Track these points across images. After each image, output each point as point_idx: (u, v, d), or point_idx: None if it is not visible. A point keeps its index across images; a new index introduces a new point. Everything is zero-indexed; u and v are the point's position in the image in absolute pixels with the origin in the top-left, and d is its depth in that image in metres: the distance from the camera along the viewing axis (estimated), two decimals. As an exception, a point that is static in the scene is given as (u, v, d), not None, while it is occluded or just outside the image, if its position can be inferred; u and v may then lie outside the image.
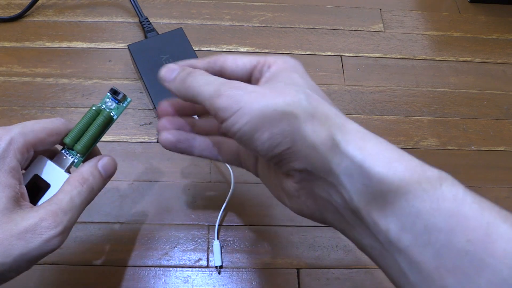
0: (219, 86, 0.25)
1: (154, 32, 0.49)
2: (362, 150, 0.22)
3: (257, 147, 0.24)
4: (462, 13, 0.58)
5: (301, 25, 0.54)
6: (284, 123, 0.23)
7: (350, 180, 0.22)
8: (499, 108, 0.50)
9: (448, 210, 0.20)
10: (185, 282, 0.38)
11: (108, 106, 0.32)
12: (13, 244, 0.24)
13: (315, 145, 0.23)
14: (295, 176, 0.25)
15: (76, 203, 0.27)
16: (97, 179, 0.29)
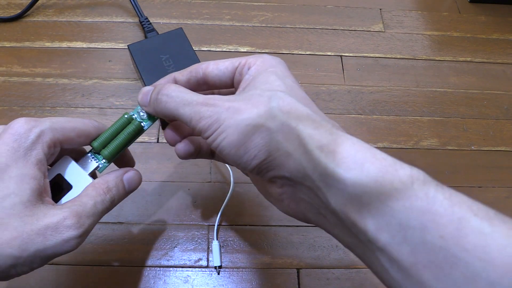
0: (198, 108, 0.26)
1: (154, 32, 0.49)
2: (334, 155, 0.22)
3: (236, 161, 0.25)
4: (462, 13, 0.58)
5: (301, 25, 0.54)
6: (258, 136, 0.24)
7: (325, 185, 0.23)
8: (499, 108, 0.50)
9: (420, 208, 0.21)
10: (185, 282, 0.38)
11: (141, 116, 0.32)
12: (32, 239, 0.24)
13: (289, 153, 0.24)
14: (277, 182, 0.26)
15: (98, 210, 0.27)
16: (120, 191, 0.29)
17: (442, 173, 0.45)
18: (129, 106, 0.47)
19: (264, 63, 0.28)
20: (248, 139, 0.24)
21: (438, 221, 0.20)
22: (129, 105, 0.47)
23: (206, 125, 0.25)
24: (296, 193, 0.25)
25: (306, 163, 0.23)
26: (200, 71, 0.30)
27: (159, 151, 0.44)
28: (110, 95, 0.47)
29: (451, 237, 0.20)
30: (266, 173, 0.25)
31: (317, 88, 0.49)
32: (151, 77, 0.45)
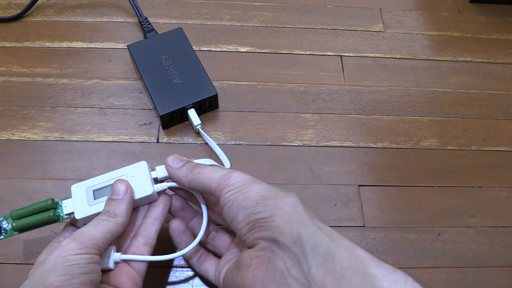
0: (229, 171, 0.32)
1: (153, 32, 0.49)
2: (331, 234, 0.27)
3: (239, 211, 0.29)
4: (462, 13, 0.58)
5: (301, 25, 0.54)
6: (272, 200, 0.29)
7: (314, 253, 0.26)
8: (499, 108, 0.50)
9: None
10: (185, 282, 0.38)
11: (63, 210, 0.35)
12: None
13: (290, 221, 0.28)
14: (258, 245, 0.29)
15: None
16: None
17: (442, 173, 0.45)
18: (129, 106, 0.47)
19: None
20: (262, 199, 0.29)
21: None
22: (129, 105, 0.47)
23: (233, 181, 0.30)
24: (271, 259, 0.28)
25: (304, 232, 0.27)
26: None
27: (159, 151, 0.44)
28: (110, 95, 0.47)
29: None
30: (257, 232, 0.29)
31: (317, 88, 0.49)
32: (151, 77, 0.45)
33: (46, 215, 0.33)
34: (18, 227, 0.34)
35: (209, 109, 0.46)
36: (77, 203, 0.34)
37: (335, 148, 0.45)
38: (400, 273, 0.24)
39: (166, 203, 0.35)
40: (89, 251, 0.29)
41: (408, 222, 0.42)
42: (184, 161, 0.34)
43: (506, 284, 0.39)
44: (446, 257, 0.40)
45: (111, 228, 0.31)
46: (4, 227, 0.34)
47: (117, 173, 0.35)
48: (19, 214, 0.34)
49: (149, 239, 0.34)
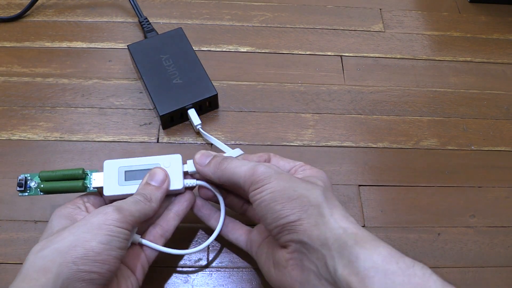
0: (254, 165, 0.31)
1: (153, 32, 0.49)
2: (356, 236, 0.27)
3: (267, 214, 0.30)
4: (462, 13, 0.58)
5: (301, 25, 0.54)
6: (297, 202, 0.29)
7: (340, 255, 0.27)
8: (499, 108, 0.50)
9: (416, 283, 0.25)
10: (185, 282, 0.38)
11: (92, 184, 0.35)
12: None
13: (317, 224, 0.28)
14: (290, 246, 0.30)
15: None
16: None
17: (442, 173, 0.45)
18: (129, 106, 0.47)
19: (319, 173, 0.33)
20: (288, 200, 0.29)
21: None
22: (129, 105, 0.47)
23: (258, 177, 0.30)
24: (303, 261, 0.29)
25: (330, 235, 0.28)
26: (268, 157, 0.36)
27: (159, 151, 0.44)
28: (110, 95, 0.47)
29: None
30: (286, 235, 0.29)
31: (317, 88, 0.49)
32: (151, 77, 0.45)
33: (75, 184, 0.34)
34: (45, 189, 0.34)
35: (209, 109, 0.46)
36: (107, 179, 0.35)
37: (335, 148, 0.45)
38: (418, 266, 0.26)
39: (190, 201, 0.36)
40: (128, 226, 0.30)
41: (408, 222, 0.42)
42: (211, 156, 0.34)
43: (506, 284, 0.39)
44: (446, 257, 0.40)
45: (146, 210, 0.32)
46: (30, 185, 0.35)
47: (152, 160, 0.36)
48: (48, 176, 0.35)
49: (166, 232, 0.35)
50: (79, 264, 0.27)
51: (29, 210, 0.40)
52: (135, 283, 0.32)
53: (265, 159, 0.36)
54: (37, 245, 0.28)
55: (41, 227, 0.39)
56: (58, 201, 0.40)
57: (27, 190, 0.34)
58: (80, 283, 0.27)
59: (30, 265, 0.27)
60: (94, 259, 0.28)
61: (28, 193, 0.35)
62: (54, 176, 0.35)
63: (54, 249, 0.28)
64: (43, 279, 0.26)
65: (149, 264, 0.34)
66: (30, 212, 0.40)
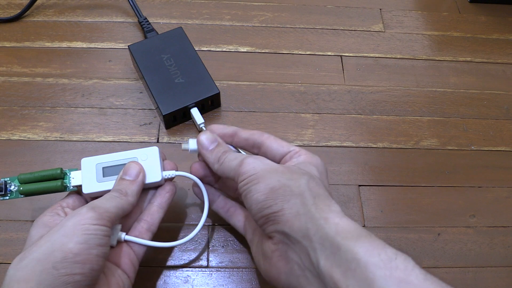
0: (243, 158, 0.32)
1: (153, 32, 0.49)
2: (337, 226, 0.27)
3: (252, 205, 0.30)
4: (462, 13, 0.58)
5: (301, 25, 0.54)
6: (280, 192, 0.29)
7: (321, 247, 0.27)
8: (499, 108, 0.50)
9: (398, 277, 0.24)
10: (185, 282, 0.38)
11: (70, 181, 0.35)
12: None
13: (299, 214, 0.28)
14: (275, 237, 0.30)
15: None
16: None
17: (442, 173, 0.45)
18: (129, 106, 0.47)
19: (313, 159, 0.33)
20: (271, 191, 0.29)
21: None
22: (129, 105, 0.47)
23: (244, 170, 0.31)
24: (288, 252, 0.29)
25: (311, 226, 0.28)
26: (261, 137, 0.35)
27: (159, 151, 0.44)
28: (110, 95, 0.47)
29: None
30: (270, 225, 0.30)
31: (317, 88, 0.49)
32: (153, 77, 0.45)
33: (54, 184, 0.34)
34: (24, 192, 0.34)
35: (212, 107, 0.47)
36: (86, 177, 0.35)
37: (335, 148, 0.45)
38: (401, 258, 0.25)
39: (172, 192, 0.36)
40: (105, 223, 0.30)
41: (408, 222, 0.42)
42: (216, 142, 0.35)
43: (506, 284, 0.39)
44: (446, 257, 0.40)
45: (122, 205, 0.32)
46: (11, 188, 0.35)
47: (129, 154, 0.36)
48: (27, 179, 0.35)
49: (152, 226, 0.34)
50: (59, 268, 0.27)
51: (29, 210, 0.40)
52: (126, 280, 0.32)
53: (256, 139, 0.35)
54: (16, 258, 0.28)
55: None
56: (58, 200, 0.40)
57: (7, 194, 0.34)
58: (65, 287, 0.27)
59: (10, 279, 0.27)
60: (73, 260, 0.27)
61: (9, 197, 0.34)
62: (33, 177, 0.34)
63: (32, 258, 0.27)
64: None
65: (139, 260, 0.34)
66: (30, 212, 0.40)
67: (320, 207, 0.28)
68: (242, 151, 0.37)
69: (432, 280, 0.24)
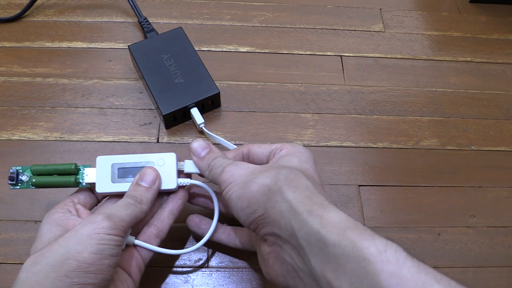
0: (225, 166, 0.32)
1: (153, 32, 0.49)
2: (321, 219, 0.26)
3: (239, 213, 0.30)
4: (462, 13, 0.58)
5: (301, 25, 0.54)
6: (260, 193, 0.29)
7: (308, 244, 0.26)
8: (499, 108, 0.50)
9: (390, 271, 0.23)
10: (185, 282, 0.38)
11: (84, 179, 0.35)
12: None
13: (282, 212, 0.27)
14: (268, 240, 0.29)
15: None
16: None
17: (442, 173, 0.45)
18: (129, 106, 0.47)
19: (294, 149, 0.33)
20: (252, 195, 0.29)
21: (405, 285, 0.22)
22: (129, 105, 0.47)
23: (224, 178, 0.31)
24: (281, 253, 0.28)
25: (295, 223, 0.26)
26: (245, 148, 0.36)
27: (159, 151, 0.44)
28: (110, 95, 0.47)
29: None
30: (261, 229, 0.29)
31: (317, 88, 0.49)
32: (153, 77, 0.45)
33: (67, 180, 0.34)
34: (37, 183, 0.34)
35: (212, 107, 0.47)
36: (100, 176, 0.34)
37: (335, 148, 0.45)
38: (391, 250, 0.24)
39: (184, 199, 0.36)
40: (119, 233, 0.30)
41: (408, 222, 0.42)
42: (207, 149, 0.34)
43: (506, 284, 0.39)
44: (446, 257, 0.40)
45: (137, 213, 0.32)
46: (22, 178, 0.34)
47: (146, 158, 0.35)
48: (40, 170, 0.34)
49: (161, 232, 0.34)
50: (72, 277, 0.27)
51: (29, 210, 0.40)
52: (131, 284, 0.32)
53: (243, 152, 0.36)
54: (29, 260, 0.28)
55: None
56: (58, 200, 0.40)
57: (18, 183, 0.34)
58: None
59: (23, 282, 0.27)
60: (87, 270, 0.27)
61: (20, 187, 0.34)
62: (46, 170, 0.34)
63: (46, 263, 0.27)
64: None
65: (145, 264, 0.34)
66: (30, 212, 0.40)
67: (301, 200, 0.27)
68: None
69: (426, 272, 0.23)
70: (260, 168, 0.30)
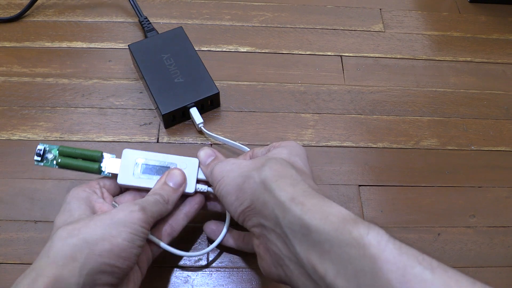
0: (214, 164, 0.33)
1: (154, 32, 0.49)
2: (303, 205, 0.26)
3: (229, 208, 0.31)
4: (462, 13, 0.58)
5: (301, 25, 0.54)
6: (247, 185, 0.30)
7: (292, 232, 0.26)
8: (499, 108, 0.50)
9: (372, 255, 0.23)
10: (185, 282, 0.38)
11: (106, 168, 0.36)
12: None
13: (265, 202, 0.28)
14: (255, 232, 0.30)
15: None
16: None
17: (442, 173, 0.45)
18: (129, 106, 0.47)
19: (286, 143, 0.34)
20: (239, 188, 0.30)
21: (387, 268, 0.23)
22: (129, 105, 0.47)
23: (214, 176, 0.32)
24: (268, 243, 0.29)
25: (278, 211, 0.27)
26: (252, 150, 0.37)
27: (158, 151, 0.44)
28: (110, 95, 0.47)
29: (397, 282, 0.22)
30: (248, 221, 0.30)
31: (317, 88, 0.49)
32: (152, 76, 0.45)
33: (91, 166, 0.35)
34: (62, 164, 0.35)
35: (211, 107, 0.47)
36: (123, 168, 0.35)
37: (335, 148, 0.45)
38: (373, 233, 0.24)
39: (201, 203, 0.37)
40: (148, 227, 0.31)
41: (408, 222, 0.42)
42: (212, 157, 0.35)
43: (506, 284, 0.39)
44: (446, 257, 0.40)
45: (162, 212, 0.33)
46: (48, 156, 0.35)
47: (170, 159, 0.36)
48: (67, 152, 0.35)
49: (174, 231, 0.35)
50: (104, 257, 0.28)
51: (29, 210, 0.40)
52: (139, 276, 0.33)
53: (250, 155, 0.37)
54: (62, 230, 0.29)
55: (41, 227, 0.39)
56: (58, 200, 0.40)
57: (43, 160, 0.35)
58: (102, 275, 0.28)
59: (58, 251, 0.28)
60: (118, 254, 0.29)
61: (44, 164, 0.35)
62: (73, 153, 0.35)
63: (82, 239, 0.28)
64: (70, 266, 0.27)
65: (153, 258, 0.35)
66: (30, 212, 0.40)
67: (284, 188, 0.28)
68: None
69: (408, 253, 0.23)
70: (246, 162, 0.32)
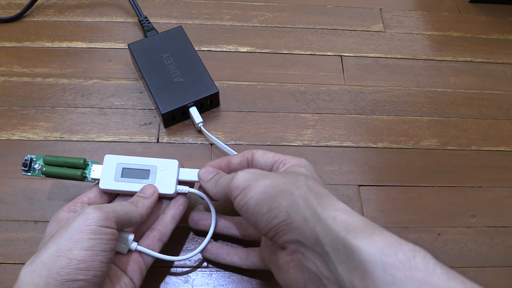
0: (234, 173, 0.31)
1: (153, 31, 0.49)
2: (346, 224, 0.25)
3: (258, 219, 0.29)
4: (462, 13, 0.58)
5: (301, 25, 0.54)
6: (282, 198, 0.28)
7: (334, 251, 0.25)
8: (499, 108, 0.50)
9: (419, 278, 0.22)
10: (185, 282, 0.38)
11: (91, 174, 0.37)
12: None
13: (306, 218, 0.27)
14: (288, 248, 0.28)
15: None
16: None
17: (442, 173, 0.45)
18: (129, 106, 0.47)
19: (300, 161, 0.33)
20: (272, 199, 0.28)
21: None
22: (129, 105, 0.47)
23: (236, 183, 0.30)
24: (303, 262, 0.27)
25: (319, 229, 0.26)
26: (251, 154, 0.35)
27: (158, 151, 0.44)
28: (110, 95, 0.47)
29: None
30: (281, 236, 0.28)
31: (317, 88, 0.49)
32: (152, 76, 0.45)
33: (74, 173, 0.36)
34: (46, 173, 0.36)
35: (211, 107, 0.47)
36: (105, 173, 0.36)
37: (335, 148, 0.45)
38: (419, 256, 0.23)
39: (185, 204, 0.37)
40: (111, 224, 0.30)
41: (408, 222, 0.42)
42: (214, 173, 0.35)
43: (506, 284, 0.39)
44: (446, 257, 0.40)
45: (131, 212, 0.32)
46: (34, 166, 0.37)
47: (150, 161, 0.37)
48: (51, 161, 0.36)
49: (163, 236, 0.35)
50: (63, 275, 0.27)
51: (29, 210, 0.40)
52: (132, 286, 0.32)
53: (247, 157, 0.35)
54: (29, 260, 0.28)
55: (41, 227, 0.39)
56: (57, 200, 0.40)
57: (30, 170, 0.36)
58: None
59: (21, 282, 0.27)
60: (77, 267, 0.27)
61: (31, 174, 0.36)
62: (57, 161, 0.36)
63: (39, 262, 0.28)
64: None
65: (147, 268, 0.34)
66: (30, 212, 0.40)
67: (325, 206, 0.27)
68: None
69: (456, 280, 0.23)
70: (275, 174, 0.30)
